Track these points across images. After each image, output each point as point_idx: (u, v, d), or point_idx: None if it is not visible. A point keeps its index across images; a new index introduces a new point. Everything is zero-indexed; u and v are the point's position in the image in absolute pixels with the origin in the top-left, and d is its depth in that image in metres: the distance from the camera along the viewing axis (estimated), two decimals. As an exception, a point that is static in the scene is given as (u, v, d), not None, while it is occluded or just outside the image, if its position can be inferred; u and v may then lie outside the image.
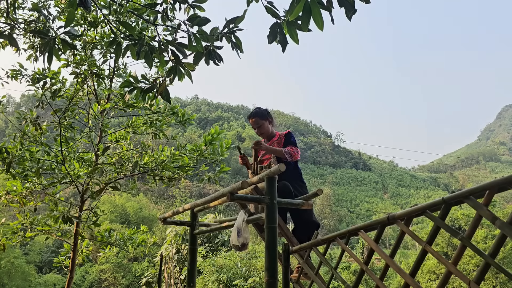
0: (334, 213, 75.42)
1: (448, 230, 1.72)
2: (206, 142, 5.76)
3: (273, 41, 2.40)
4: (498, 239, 1.52)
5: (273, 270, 2.75)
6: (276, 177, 2.95)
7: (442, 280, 1.74)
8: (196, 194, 64.45)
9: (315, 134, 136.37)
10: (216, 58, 2.60)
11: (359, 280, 2.24)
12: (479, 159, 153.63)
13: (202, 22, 2.51)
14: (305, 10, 2.03)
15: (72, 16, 2.39)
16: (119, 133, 6.23)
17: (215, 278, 11.44)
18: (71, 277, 5.75)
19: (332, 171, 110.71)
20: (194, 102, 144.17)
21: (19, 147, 5.23)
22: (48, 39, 2.46)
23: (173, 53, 2.56)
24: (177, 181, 6.07)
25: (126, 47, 2.63)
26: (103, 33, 5.76)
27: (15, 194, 5.43)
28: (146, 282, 14.37)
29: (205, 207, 3.93)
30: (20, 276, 28.34)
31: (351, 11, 2.07)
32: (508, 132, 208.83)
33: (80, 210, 5.77)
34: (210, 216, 12.49)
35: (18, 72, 5.30)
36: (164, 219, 4.52)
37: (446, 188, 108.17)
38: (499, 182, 1.52)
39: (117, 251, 6.69)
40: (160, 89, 2.63)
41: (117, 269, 34.17)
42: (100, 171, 5.11)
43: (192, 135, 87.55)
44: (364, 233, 2.22)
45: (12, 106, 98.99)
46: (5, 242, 5.70)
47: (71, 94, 5.49)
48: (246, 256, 13.15)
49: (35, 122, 5.17)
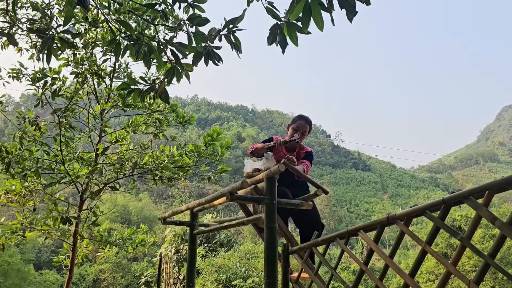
0: (333, 213, 75.49)
1: (448, 231, 1.72)
2: (205, 143, 5.76)
3: (273, 43, 2.39)
4: (498, 239, 1.51)
5: (273, 270, 2.75)
6: (277, 177, 2.95)
7: (442, 280, 1.74)
8: (195, 194, 64.47)
9: (314, 134, 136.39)
10: (216, 58, 2.60)
11: (358, 280, 2.24)
12: (478, 159, 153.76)
13: (202, 22, 2.51)
14: (305, 11, 2.03)
15: (70, 14, 2.38)
16: (119, 133, 6.23)
17: (214, 278, 11.45)
18: (70, 276, 5.75)
19: (332, 171, 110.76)
20: (194, 102, 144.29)
21: (19, 146, 5.22)
22: (46, 37, 2.45)
23: (172, 53, 2.56)
24: (176, 181, 6.07)
25: (126, 46, 2.62)
26: (104, 32, 5.75)
27: (14, 194, 5.43)
28: (145, 282, 14.38)
29: (204, 207, 3.93)
30: (16, 275, 28.26)
31: (352, 12, 2.07)
32: (507, 132, 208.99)
33: (80, 210, 5.76)
34: (209, 216, 12.49)
35: (19, 71, 5.30)
36: (164, 219, 4.51)
37: (446, 189, 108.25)
38: (499, 182, 1.52)
39: (117, 251, 6.68)
40: (159, 90, 2.62)
41: (116, 269, 34.19)
42: (100, 171, 5.10)
43: (192, 135, 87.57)
44: (363, 233, 2.21)
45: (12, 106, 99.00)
46: (5, 241, 5.70)
47: (71, 93, 5.48)
48: (246, 256, 13.16)
49: (34, 122, 5.16)
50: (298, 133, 3.68)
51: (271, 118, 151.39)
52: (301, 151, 3.76)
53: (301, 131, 3.70)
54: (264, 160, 3.46)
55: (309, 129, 3.75)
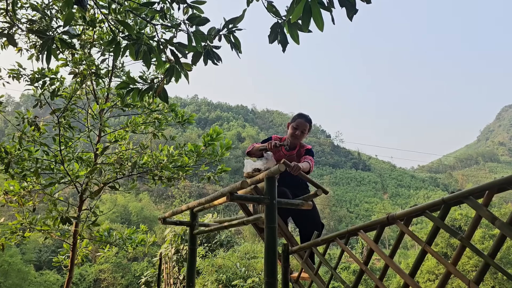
0: (333, 213, 75.49)
1: (448, 231, 1.71)
2: (205, 142, 5.75)
3: (274, 41, 2.39)
4: (498, 239, 1.51)
5: (273, 270, 2.75)
6: (277, 177, 2.94)
7: (442, 280, 1.74)
8: (195, 194, 64.47)
9: (314, 134, 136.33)
10: (215, 58, 2.60)
11: (358, 280, 2.23)
12: (478, 159, 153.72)
13: (202, 21, 2.50)
14: (305, 11, 2.02)
15: (71, 16, 2.38)
16: (118, 133, 6.22)
17: (214, 278, 11.44)
18: (70, 276, 5.75)
19: (332, 171, 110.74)
20: (194, 102, 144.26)
21: (18, 147, 5.22)
22: (46, 38, 2.45)
23: (172, 52, 2.55)
24: (176, 181, 6.06)
25: (125, 46, 2.62)
26: (101, 32, 5.74)
27: (13, 194, 5.42)
28: (145, 282, 14.37)
29: (204, 207, 3.93)
30: (16, 275, 28.26)
31: (352, 11, 2.06)
32: (507, 132, 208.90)
33: (79, 210, 5.76)
34: (209, 216, 12.49)
35: (17, 71, 5.29)
36: (164, 219, 4.51)
37: (446, 189, 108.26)
38: (499, 182, 1.51)
39: (117, 251, 6.68)
40: (158, 90, 2.62)
41: (116, 269, 34.19)
42: (99, 171, 5.10)
43: (192, 135, 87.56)
44: (363, 233, 2.21)
45: (12, 106, 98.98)
46: (4, 242, 5.69)
47: (69, 93, 5.48)
48: (246, 256, 13.16)
49: (33, 122, 5.16)
50: (298, 131, 3.68)
51: (271, 118, 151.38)
52: (301, 149, 3.77)
53: (301, 129, 3.70)
54: (264, 160, 3.46)
55: (308, 128, 3.75)
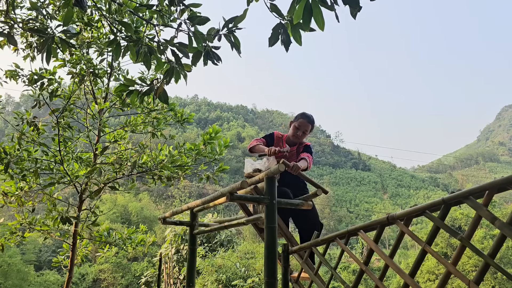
0: (333, 213, 75.48)
1: (448, 231, 1.71)
2: (204, 141, 5.75)
3: (274, 44, 2.37)
4: (498, 239, 1.51)
5: (273, 270, 2.75)
6: (277, 177, 2.94)
7: (442, 280, 1.74)
8: (195, 194, 64.44)
9: (314, 134, 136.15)
10: (215, 58, 2.59)
11: (358, 280, 2.23)
12: (478, 159, 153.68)
13: (202, 21, 2.50)
14: (306, 11, 2.02)
15: (70, 15, 2.38)
16: (117, 133, 6.22)
17: (214, 278, 11.44)
18: (70, 277, 5.74)
19: (332, 171, 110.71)
20: (194, 102, 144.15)
21: (17, 147, 5.21)
22: (46, 38, 2.45)
23: (173, 53, 2.55)
24: (176, 181, 6.06)
25: (126, 47, 2.62)
26: (98, 32, 5.74)
27: (12, 195, 5.41)
28: (145, 282, 14.38)
29: (204, 207, 3.93)
30: (16, 275, 28.23)
31: (356, 8, 2.03)
32: (507, 132, 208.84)
33: (79, 210, 5.76)
34: (209, 216, 12.49)
35: (15, 72, 5.28)
36: (164, 219, 4.51)
37: (446, 189, 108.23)
38: (499, 182, 1.51)
39: (116, 251, 6.67)
40: (158, 91, 2.60)
41: (116, 269, 34.15)
42: (99, 171, 5.10)
43: (191, 135, 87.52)
44: (363, 233, 2.21)
45: (11, 106, 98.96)
46: (4, 242, 5.69)
47: (68, 93, 5.47)
48: (245, 256, 13.16)
49: (33, 122, 5.15)
50: (300, 131, 3.70)
51: (271, 118, 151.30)
52: (300, 145, 3.82)
53: (303, 129, 3.71)
54: (264, 160, 3.46)
55: (310, 128, 3.76)
